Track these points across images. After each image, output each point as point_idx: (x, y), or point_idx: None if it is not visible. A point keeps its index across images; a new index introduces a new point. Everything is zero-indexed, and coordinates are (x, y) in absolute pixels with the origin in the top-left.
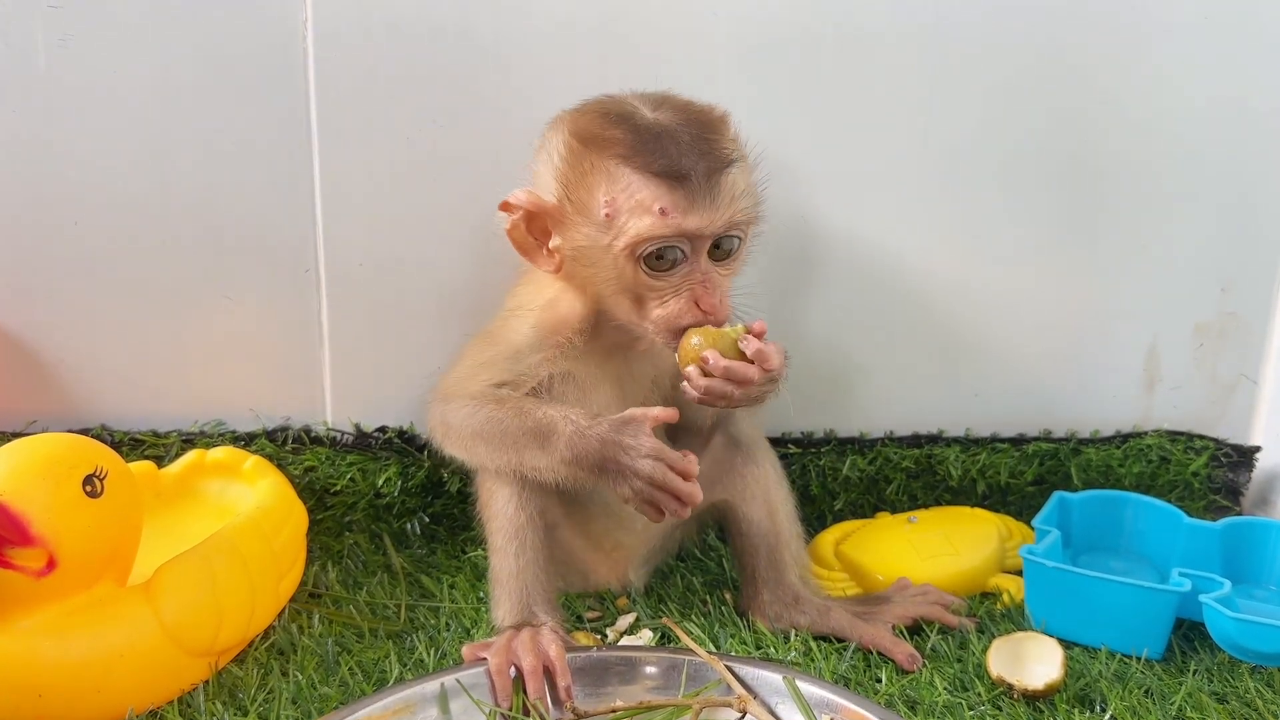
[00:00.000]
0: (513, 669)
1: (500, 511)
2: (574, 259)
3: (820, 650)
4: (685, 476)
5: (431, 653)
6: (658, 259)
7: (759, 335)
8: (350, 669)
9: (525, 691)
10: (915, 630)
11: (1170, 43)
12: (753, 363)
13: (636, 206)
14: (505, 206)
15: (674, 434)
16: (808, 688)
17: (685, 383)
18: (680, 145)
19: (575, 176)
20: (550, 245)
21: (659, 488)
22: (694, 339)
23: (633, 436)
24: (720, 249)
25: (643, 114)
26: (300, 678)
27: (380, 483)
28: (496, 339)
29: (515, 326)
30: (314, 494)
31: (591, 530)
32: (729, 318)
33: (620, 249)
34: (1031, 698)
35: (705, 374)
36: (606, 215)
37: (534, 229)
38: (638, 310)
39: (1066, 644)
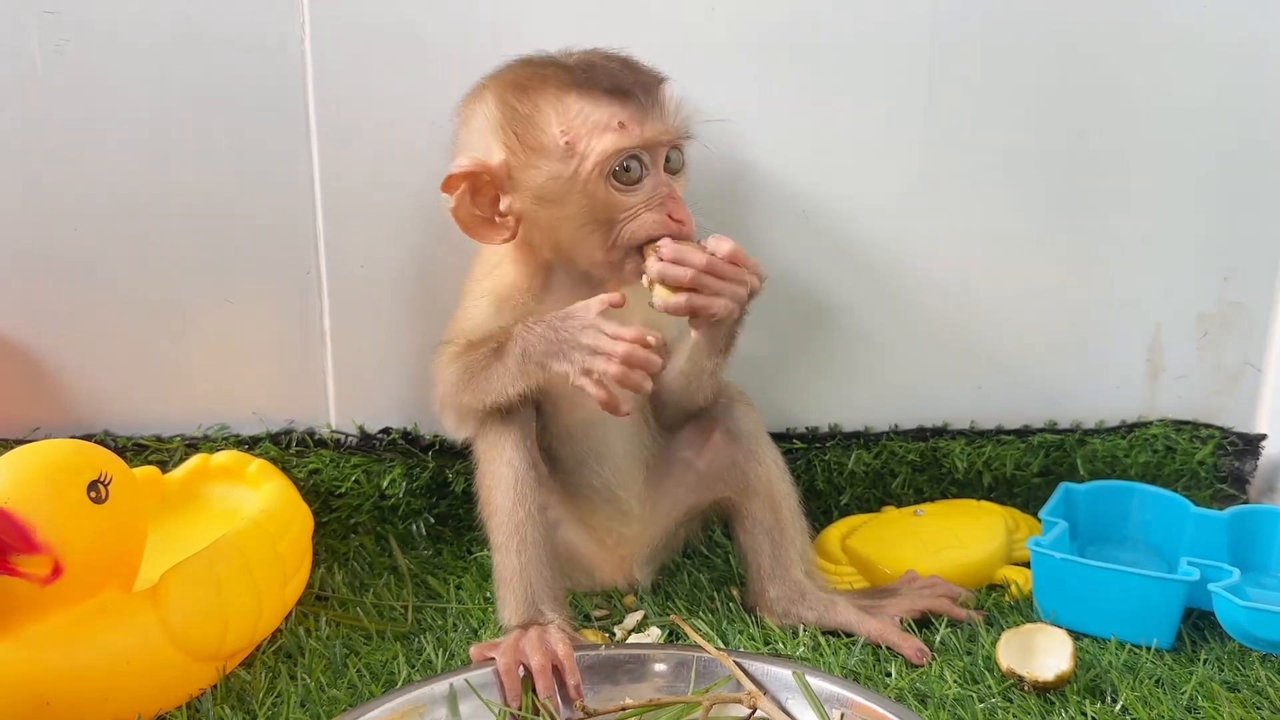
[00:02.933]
0: (521, 668)
1: (499, 508)
2: (537, 205)
3: (829, 645)
4: (626, 339)
5: (439, 654)
6: (625, 171)
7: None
8: (358, 671)
9: (535, 691)
10: (924, 623)
11: (1171, 31)
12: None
13: (595, 126)
14: (448, 183)
15: (672, 428)
16: (818, 683)
17: (650, 287)
18: (612, 68)
19: (520, 123)
20: (501, 209)
21: (595, 353)
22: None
23: (573, 319)
24: (671, 162)
25: (562, 57)
26: (308, 681)
27: (385, 484)
28: (461, 321)
29: (473, 304)
30: (319, 496)
31: (594, 523)
32: (695, 233)
33: (589, 170)
34: (1042, 689)
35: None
36: (566, 144)
37: (480, 200)
38: (607, 237)
39: (1076, 635)
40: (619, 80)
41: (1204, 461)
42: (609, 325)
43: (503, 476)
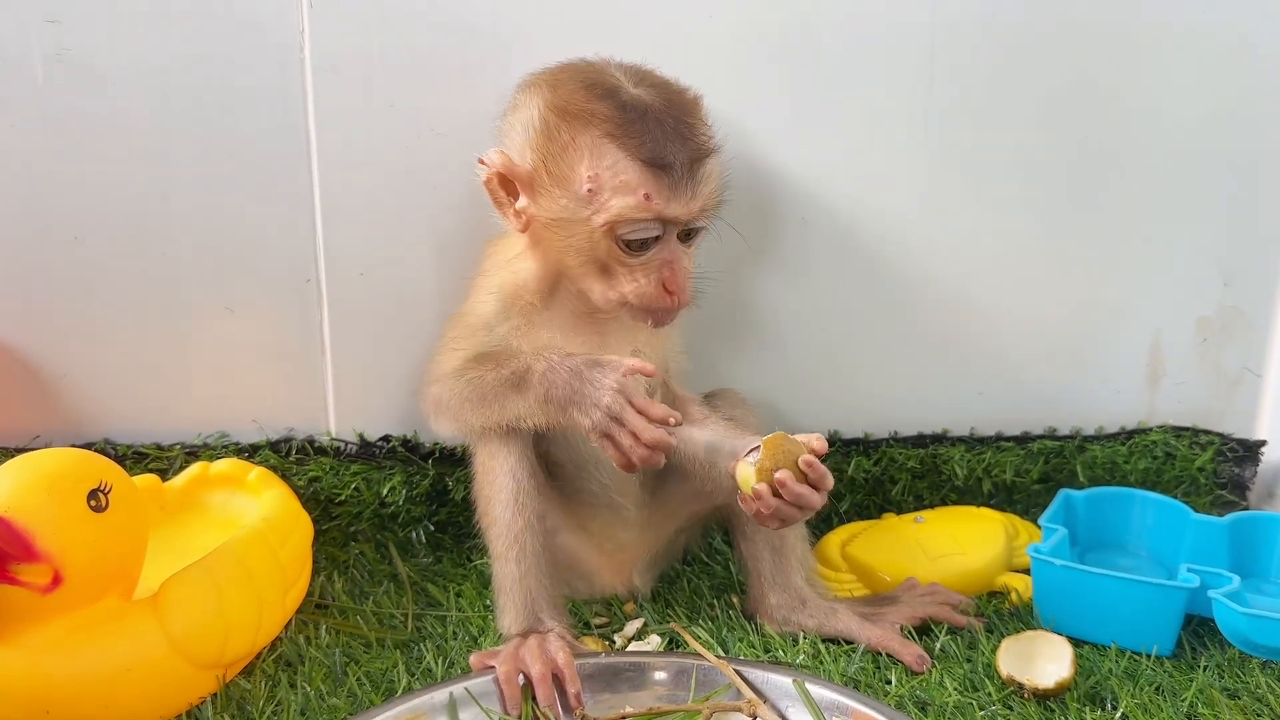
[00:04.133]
0: (521, 676)
1: (499, 518)
2: (545, 226)
3: (829, 652)
4: (651, 417)
5: (439, 662)
6: (636, 239)
7: (820, 454)
8: (358, 679)
9: (535, 699)
10: (924, 631)
11: (1171, 36)
12: (816, 488)
13: (621, 187)
14: (482, 162)
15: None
16: (817, 690)
17: (752, 500)
18: (665, 130)
19: (554, 148)
20: (517, 206)
21: (616, 421)
22: (756, 455)
23: (602, 372)
24: (692, 236)
25: (625, 89)
26: (308, 689)
27: (385, 492)
28: (466, 315)
29: (481, 299)
30: (319, 504)
31: (591, 529)
32: (692, 299)
33: (599, 225)
34: (1042, 697)
35: (775, 494)
36: (589, 191)
37: (504, 186)
38: (603, 281)
39: (1076, 642)
40: (662, 151)
41: (1204, 468)
42: (638, 396)
43: (503, 486)
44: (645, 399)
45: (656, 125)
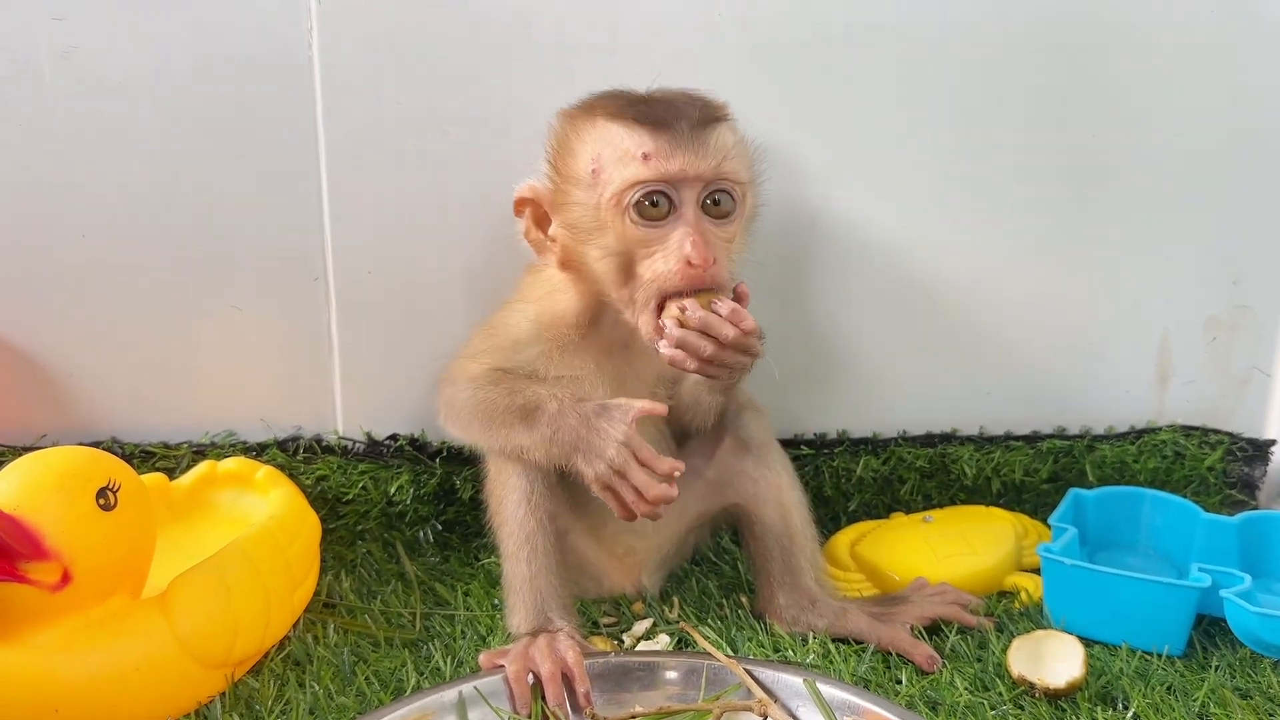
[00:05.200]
0: (530, 676)
1: (510, 517)
2: (570, 234)
3: (839, 652)
4: (656, 472)
5: (448, 661)
6: (651, 205)
7: (741, 297)
8: (367, 678)
9: (544, 698)
10: (934, 630)
11: (1178, 37)
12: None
13: (622, 155)
14: (517, 208)
15: (682, 436)
16: (828, 690)
17: (661, 342)
18: (669, 101)
19: (564, 152)
20: (549, 234)
21: (620, 475)
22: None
23: (609, 421)
24: (718, 205)
25: (637, 91)
26: (317, 688)
27: (392, 491)
28: (497, 329)
29: (514, 320)
30: (326, 503)
31: (603, 535)
32: (725, 282)
33: (608, 200)
34: (1053, 696)
35: (681, 325)
36: (593, 171)
37: (541, 223)
38: (629, 282)
39: (1086, 642)
40: (658, 111)
41: (1213, 467)
42: (644, 450)
43: (515, 486)
44: (651, 452)
45: (658, 101)
